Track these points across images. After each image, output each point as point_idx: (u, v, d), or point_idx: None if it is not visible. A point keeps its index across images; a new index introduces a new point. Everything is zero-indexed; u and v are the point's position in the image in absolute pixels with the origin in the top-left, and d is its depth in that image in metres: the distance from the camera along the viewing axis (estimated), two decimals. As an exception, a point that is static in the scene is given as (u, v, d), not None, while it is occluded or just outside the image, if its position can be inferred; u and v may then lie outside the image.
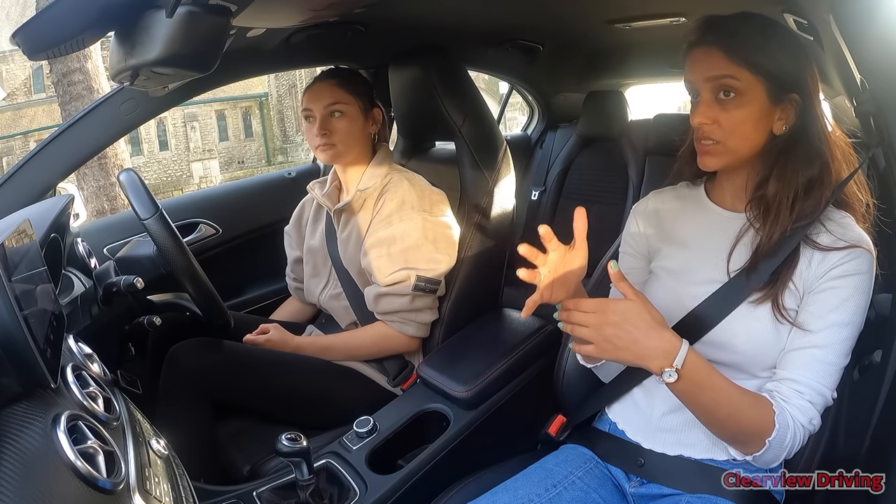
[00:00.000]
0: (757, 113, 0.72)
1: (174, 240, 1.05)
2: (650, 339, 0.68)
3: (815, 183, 0.73)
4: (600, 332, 0.69)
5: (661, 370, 0.68)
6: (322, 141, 1.21)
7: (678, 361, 0.67)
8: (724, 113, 0.73)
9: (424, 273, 1.18)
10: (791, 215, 0.73)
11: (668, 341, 0.68)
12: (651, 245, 0.89)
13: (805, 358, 0.72)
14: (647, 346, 0.68)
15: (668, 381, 0.68)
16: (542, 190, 2.31)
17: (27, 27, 0.65)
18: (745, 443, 0.72)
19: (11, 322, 0.51)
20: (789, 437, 0.70)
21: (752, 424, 0.70)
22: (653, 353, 0.68)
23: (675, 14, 1.45)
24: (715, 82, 0.73)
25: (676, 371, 0.67)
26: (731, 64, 0.71)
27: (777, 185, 0.74)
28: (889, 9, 0.63)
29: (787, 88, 0.72)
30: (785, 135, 0.74)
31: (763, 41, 0.72)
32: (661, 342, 0.68)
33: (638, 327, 0.68)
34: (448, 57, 1.29)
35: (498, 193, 1.29)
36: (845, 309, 0.71)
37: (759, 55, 0.71)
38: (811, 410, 0.71)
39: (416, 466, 1.03)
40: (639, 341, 0.68)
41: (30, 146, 10.22)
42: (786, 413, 0.70)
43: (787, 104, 0.73)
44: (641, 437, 0.84)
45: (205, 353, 1.13)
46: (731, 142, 0.74)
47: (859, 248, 0.71)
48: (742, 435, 0.72)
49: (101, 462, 0.51)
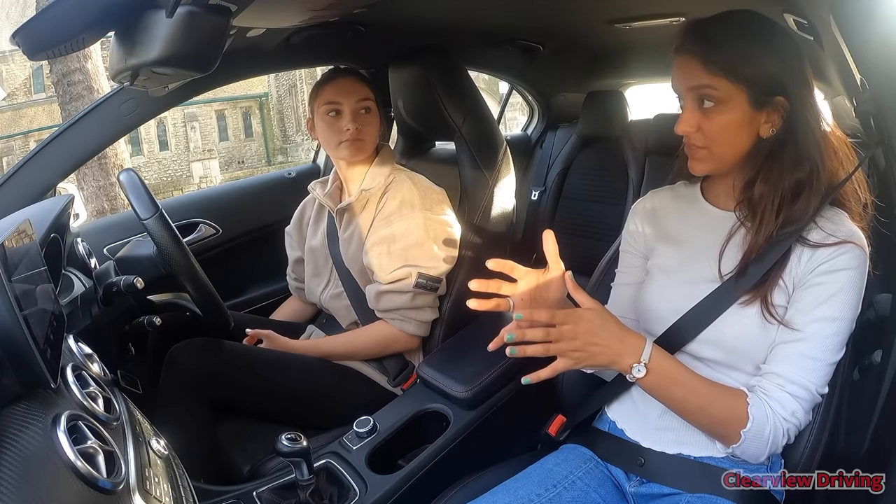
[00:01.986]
0: (738, 119, 0.72)
1: (174, 240, 1.05)
2: (622, 341, 0.72)
3: (803, 186, 0.72)
4: (575, 344, 0.70)
5: (630, 367, 0.72)
6: (354, 135, 1.19)
7: (645, 356, 0.72)
8: (706, 120, 0.73)
9: (425, 271, 1.18)
10: (776, 219, 0.73)
11: (635, 339, 0.73)
12: (648, 244, 0.89)
13: (789, 352, 0.72)
14: (619, 348, 0.72)
15: (637, 376, 0.72)
16: (542, 190, 2.31)
17: (27, 27, 0.65)
18: (723, 435, 0.74)
19: (11, 322, 0.51)
20: (769, 430, 0.70)
21: (725, 415, 0.72)
22: (623, 353, 0.72)
23: (675, 14, 1.45)
24: (695, 91, 0.73)
25: (645, 366, 0.71)
26: (708, 74, 0.71)
27: (763, 187, 0.74)
28: (889, 9, 0.63)
29: (772, 92, 0.71)
30: (772, 137, 0.73)
31: (744, 45, 0.71)
32: (630, 341, 0.72)
33: (610, 332, 0.71)
34: (448, 57, 1.29)
35: (498, 193, 1.29)
36: (833, 304, 0.71)
37: (739, 62, 0.70)
38: (792, 403, 0.71)
39: (416, 466, 1.03)
40: (612, 345, 0.71)
41: (30, 146, 10.23)
42: (764, 405, 0.71)
43: (773, 108, 0.72)
44: (640, 436, 0.85)
45: (205, 354, 1.13)
46: (715, 148, 0.74)
47: (850, 243, 0.71)
48: (717, 426, 0.74)
49: (101, 462, 0.51)
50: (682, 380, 0.73)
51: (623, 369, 0.72)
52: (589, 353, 0.71)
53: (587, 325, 0.70)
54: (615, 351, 0.71)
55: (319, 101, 1.22)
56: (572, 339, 0.70)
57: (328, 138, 1.22)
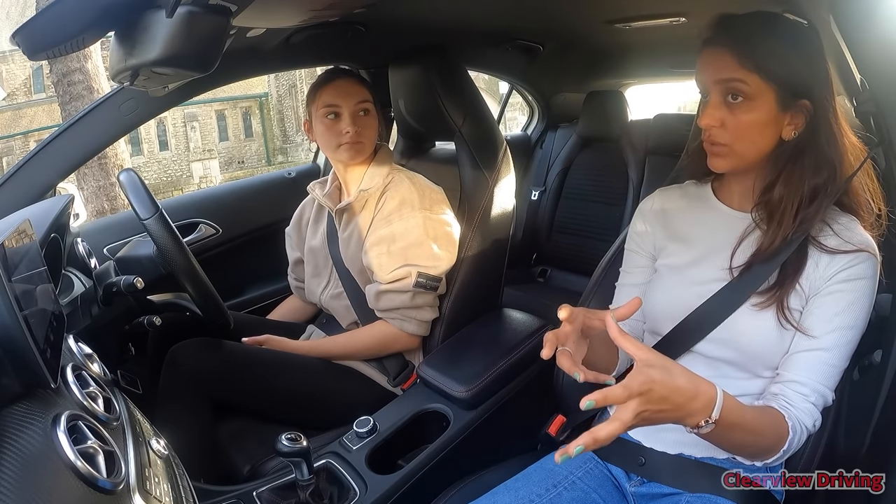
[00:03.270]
0: (764, 118, 0.71)
1: (174, 240, 1.05)
2: (695, 399, 0.61)
3: (819, 191, 0.72)
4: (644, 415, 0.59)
5: (697, 425, 0.62)
6: (354, 138, 1.19)
7: (716, 414, 0.61)
8: (731, 116, 0.72)
9: (425, 270, 1.18)
10: (794, 222, 0.73)
11: (707, 395, 0.61)
12: (657, 243, 0.89)
13: (810, 360, 0.72)
14: (691, 408, 0.61)
15: (702, 433, 0.63)
16: (542, 190, 2.32)
17: (27, 27, 0.65)
18: (763, 457, 0.72)
19: (11, 322, 0.51)
20: (796, 440, 0.70)
21: (774, 443, 0.70)
22: (695, 412, 0.61)
23: (675, 14, 1.45)
24: (724, 85, 0.72)
25: (714, 423, 0.62)
26: (740, 68, 0.70)
27: (783, 190, 0.73)
28: (889, 9, 0.63)
29: (799, 95, 0.71)
30: (794, 141, 0.73)
31: (777, 45, 0.70)
32: (702, 398, 0.61)
33: (682, 392, 0.60)
34: (448, 57, 1.29)
35: (498, 193, 1.29)
36: (850, 312, 0.71)
37: (772, 60, 0.69)
38: (815, 413, 0.71)
39: (416, 466, 1.03)
40: (684, 405, 0.61)
41: (30, 146, 10.23)
42: (794, 420, 0.70)
43: (797, 110, 0.72)
44: (642, 435, 0.84)
45: (205, 354, 1.13)
46: (737, 145, 0.73)
47: (865, 252, 0.71)
48: (762, 454, 0.72)
49: (101, 462, 0.51)
50: (743, 424, 0.65)
51: (690, 426, 0.63)
52: (658, 417, 0.60)
53: (659, 392, 0.58)
54: (686, 412, 0.61)
55: (318, 104, 1.21)
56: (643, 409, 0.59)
57: (327, 141, 1.22)
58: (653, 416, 0.59)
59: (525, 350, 1.19)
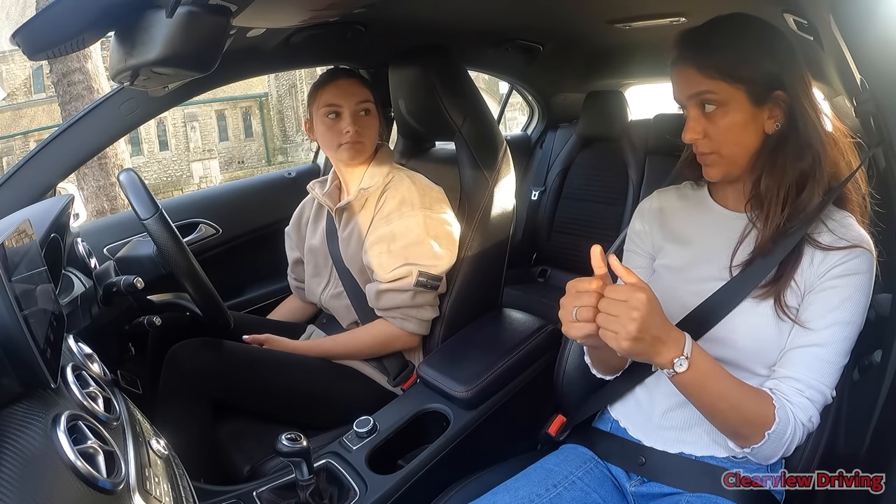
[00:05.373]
0: (742, 118, 0.73)
1: (174, 240, 1.05)
2: (667, 331, 0.66)
3: (806, 176, 0.73)
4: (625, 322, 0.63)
5: (671, 361, 0.66)
6: (355, 138, 1.19)
7: (687, 350, 0.66)
8: (711, 125, 0.74)
9: (426, 269, 1.18)
10: (783, 211, 0.73)
11: (676, 331, 0.67)
12: (655, 243, 0.89)
13: (806, 356, 0.72)
14: (664, 338, 0.66)
15: (678, 370, 0.66)
16: (542, 190, 2.32)
17: (27, 27, 0.65)
18: (747, 436, 0.72)
19: (11, 322, 0.51)
20: (789, 433, 0.70)
21: (754, 416, 0.70)
22: (668, 344, 0.66)
23: (675, 14, 1.45)
24: (696, 98, 0.74)
25: (687, 359, 0.66)
26: (705, 79, 0.72)
27: (768, 179, 0.75)
28: (889, 9, 0.63)
29: (770, 87, 0.72)
30: (777, 132, 0.74)
31: (736, 48, 0.72)
32: (673, 333, 0.67)
33: (656, 319, 0.65)
34: (448, 57, 1.29)
35: (498, 193, 1.29)
36: (846, 308, 0.71)
37: (733, 63, 0.71)
38: (811, 408, 0.71)
39: (416, 466, 1.02)
40: (658, 334, 0.65)
41: (30, 146, 10.22)
42: (786, 408, 0.70)
43: (773, 103, 0.73)
44: (642, 434, 0.85)
45: (205, 354, 1.13)
46: (724, 150, 0.75)
47: (860, 247, 0.72)
48: (744, 426, 0.71)
49: (101, 462, 0.51)
50: (719, 376, 0.69)
51: (663, 363, 0.67)
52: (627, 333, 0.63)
53: (638, 309, 0.63)
54: (657, 340, 0.65)
55: (318, 104, 1.21)
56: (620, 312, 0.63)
57: (328, 140, 1.22)
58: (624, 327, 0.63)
59: (525, 350, 1.19)
